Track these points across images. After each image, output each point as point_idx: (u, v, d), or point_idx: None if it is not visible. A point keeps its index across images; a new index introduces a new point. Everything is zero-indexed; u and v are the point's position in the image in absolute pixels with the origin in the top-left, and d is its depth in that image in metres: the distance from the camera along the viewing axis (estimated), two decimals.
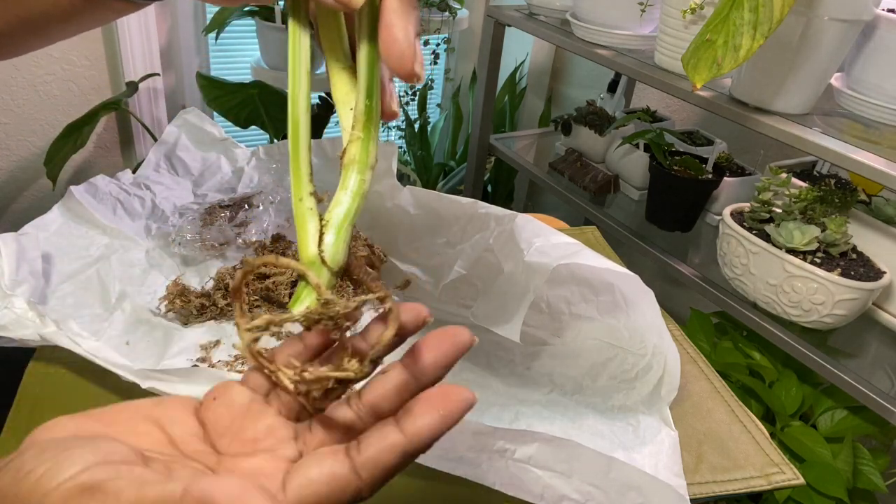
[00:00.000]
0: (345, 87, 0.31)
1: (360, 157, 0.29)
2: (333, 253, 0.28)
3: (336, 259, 0.28)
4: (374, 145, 0.30)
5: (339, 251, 0.28)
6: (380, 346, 0.27)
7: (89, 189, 0.76)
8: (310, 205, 0.29)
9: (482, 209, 0.67)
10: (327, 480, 0.24)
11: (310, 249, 0.28)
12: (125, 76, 1.44)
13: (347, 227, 0.29)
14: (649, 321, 0.59)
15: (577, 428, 0.56)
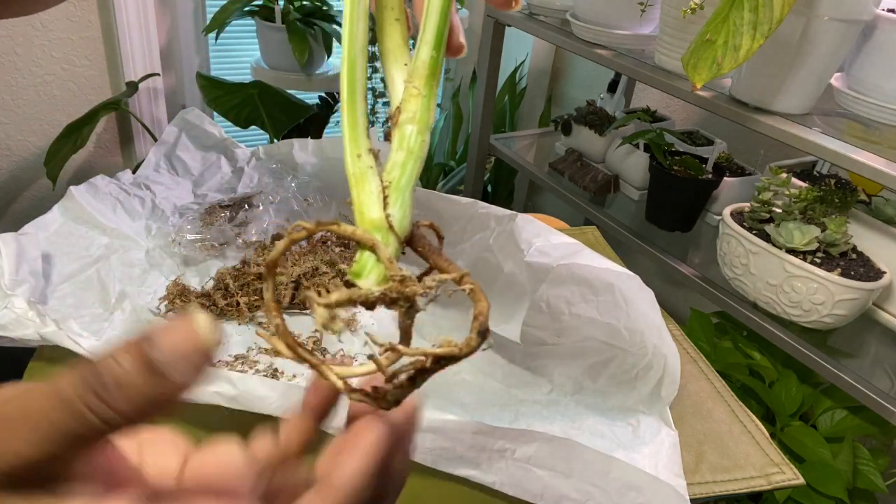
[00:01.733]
0: (397, 38, 0.28)
1: (420, 116, 0.26)
2: (401, 218, 0.25)
3: (403, 226, 0.25)
4: (434, 104, 0.27)
5: (406, 217, 0.25)
6: (482, 317, 0.24)
7: (89, 189, 0.76)
8: (370, 162, 0.25)
9: (482, 209, 0.67)
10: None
11: (374, 213, 0.24)
12: (125, 76, 1.44)
13: (411, 190, 0.25)
14: (649, 321, 0.59)
15: (577, 428, 0.56)
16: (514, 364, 0.62)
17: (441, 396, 0.58)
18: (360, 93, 0.26)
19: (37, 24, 1.34)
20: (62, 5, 1.34)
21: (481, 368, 0.61)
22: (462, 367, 0.61)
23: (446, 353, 0.23)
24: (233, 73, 1.81)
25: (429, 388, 0.61)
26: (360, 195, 0.25)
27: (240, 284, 0.67)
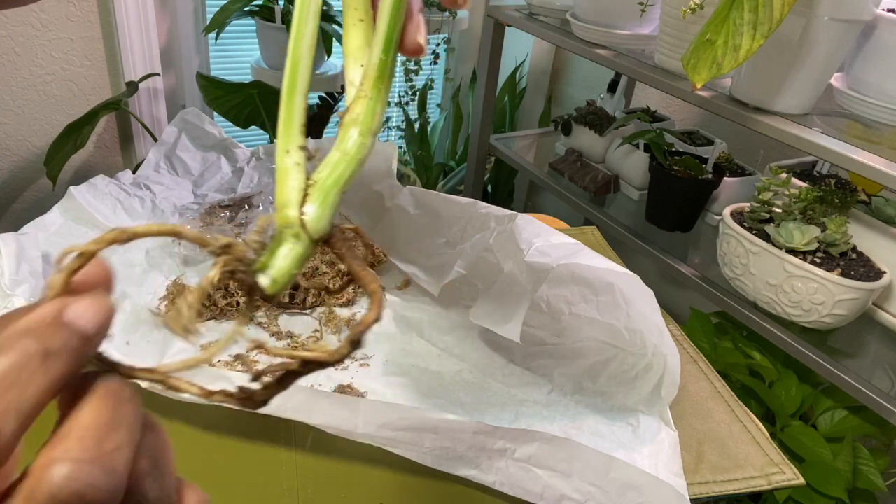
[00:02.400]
0: (358, 40, 0.28)
1: (364, 119, 0.26)
2: (317, 219, 0.24)
3: (318, 227, 0.24)
4: (381, 108, 0.26)
5: (324, 219, 0.24)
6: (362, 327, 0.24)
7: (89, 189, 0.76)
8: (297, 159, 0.25)
9: (482, 209, 0.67)
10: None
11: (290, 211, 0.24)
12: (125, 76, 1.44)
13: (337, 194, 0.25)
14: (649, 321, 0.59)
15: (577, 428, 0.56)
16: (514, 364, 0.62)
17: (441, 396, 0.58)
18: (301, 91, 0.26)
19: (37, 24, 1.34)
20: (62, 5, 1.34)
21: (481, 368, 0.61)
22: (462, 367, 0.61)
23: (314, 358, 0.23)
24: (233, 73, 1.81)
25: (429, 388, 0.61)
26: (281, 191, 0.24)
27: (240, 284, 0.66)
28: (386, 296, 0.71)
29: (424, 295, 0.70)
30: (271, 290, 0.23)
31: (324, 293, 0.68)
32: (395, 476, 0.51)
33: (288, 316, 0.67)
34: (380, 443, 0.48)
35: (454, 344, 0.64)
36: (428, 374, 0.60)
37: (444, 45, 2.09)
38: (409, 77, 2.04)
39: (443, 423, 0.47)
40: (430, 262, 0.70)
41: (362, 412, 0.47)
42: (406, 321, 0.67)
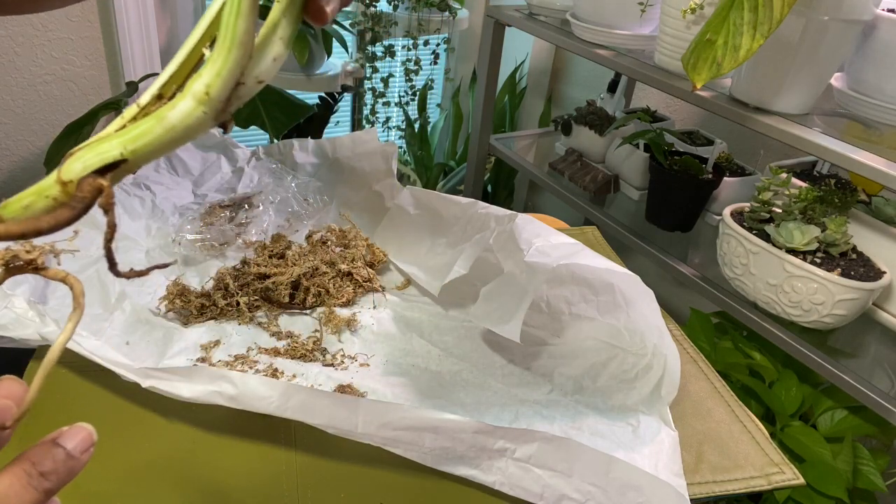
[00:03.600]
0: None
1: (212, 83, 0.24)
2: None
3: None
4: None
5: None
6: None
7: None
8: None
9: (482, 209, 0.67)
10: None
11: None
12: (125, 76, 1.44)
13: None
14: (649, 321, 0.59)
15: (577, 428, 0.56)
16: (514, 364, 0.62)
17: (441, 396, 0.58)
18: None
19: (37, 24, 1.34)
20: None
21: (481, 368, 0.61)
22: (462, 367, 0.61)
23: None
24: None
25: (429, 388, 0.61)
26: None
27: (240, 284, 0.67)
28: (386, 296, 0.71)
29: (424, 295, 0.70)
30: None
31: (324, 293, 0.68)
32: (395, 476, 0.51)
33: (288, 316, 0.67)
34: (380, 443, 0.48)
35: (454, 344, 0.64)
36: (428, 374, 0.60)
37: (444, 45, 2.09)
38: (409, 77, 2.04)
39: (443, 423, 0.47)
40: (430, 262, 0.70)
41: (362, 412, 0.47)
42: (406, 321, 0.67)
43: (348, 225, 0.77)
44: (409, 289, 0.72)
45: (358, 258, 0.71)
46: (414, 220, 0.75)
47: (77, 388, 0.55)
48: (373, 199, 0.80)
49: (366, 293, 0.71)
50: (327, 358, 0.61)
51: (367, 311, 0.68)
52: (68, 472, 0.26)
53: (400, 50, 1.95)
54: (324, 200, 0.83)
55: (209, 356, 0.59)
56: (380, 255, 0.74)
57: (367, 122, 2.05)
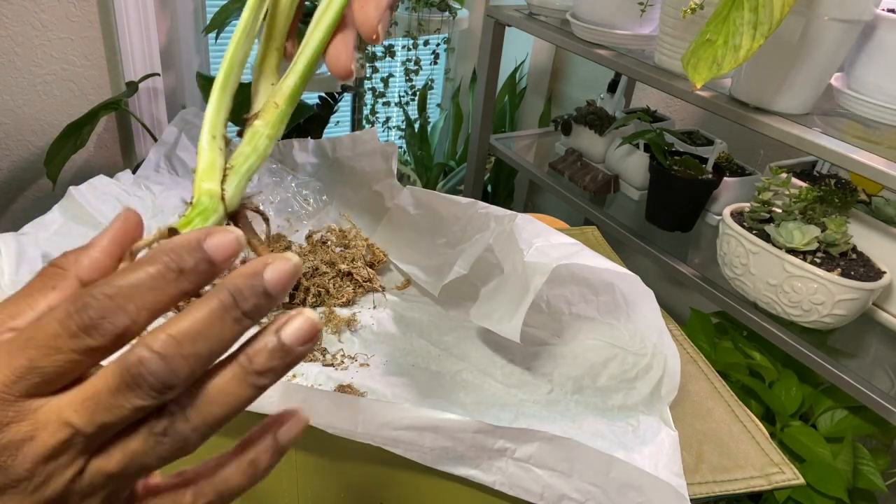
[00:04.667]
0: (273, 63, 0.34)
1: (272, 124, 0.31)
2: (232, 196, 0.29)
3: (233, 203, 0.29)
4: (286, 120, 0.32)
5: (237, 196, 0.30)
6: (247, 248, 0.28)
7: (89, 189, 0.76)
8: (220, 145, 0.31)
9: (482, 209, 0.67)
10: None
11: (212, 183, 0.29)
12: (125, 76, 1.44)
13: (247, 179, 0.31)
14: (649, 321, 0.59)
15: (577, 428, 0.56)
16: (514, 364, 0.62)
17: (441, 396, 0.58)
18: (230, 90, 0.32)
19: (37, 24, 1.34)
20: (62, 5, 1.34)
21: (481, 368, 0.61)
22: (462, 367, 0.61)
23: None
24: None
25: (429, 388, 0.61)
26: (208, 167, 0.30)
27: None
28: (386, 296, 0.71)
29: (424, 295, 0.70)
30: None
31: (324, 293, 0.68)
32: (395, 476, 0.51)
33: None
34: (380, 443, 0.48)
35: (454, 344, 0.64)
36: (428, 374, 0.60)
37: (444, 45, 2.09)
38: (409, 77, 2.04)
39: (443, 422, 0.47)
40: (430, 262, 0.70)
41: (362, 412, 0.47)
42: (406, 321, 0.67)
43: (348, 225, 0.77)
44: (409, 289, 0.72)
45: (358, 258, 0.71)
46: (414, 220, 0.75)
47: None
48: (373, 199, 0.80)
49: (366, 293, 0.71)
50: (327, 358, 0.61)
51: (367, 311, 0.68)
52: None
53: (400, 50, 1.95)
54: (324, 200, 0.83)
55: None
56: (380, 255, 0.74)
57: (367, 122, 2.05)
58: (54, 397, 0.23)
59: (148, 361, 0.22)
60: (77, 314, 0.22)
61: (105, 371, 0.23)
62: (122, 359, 0.22)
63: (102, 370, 0.23)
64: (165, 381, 0.22)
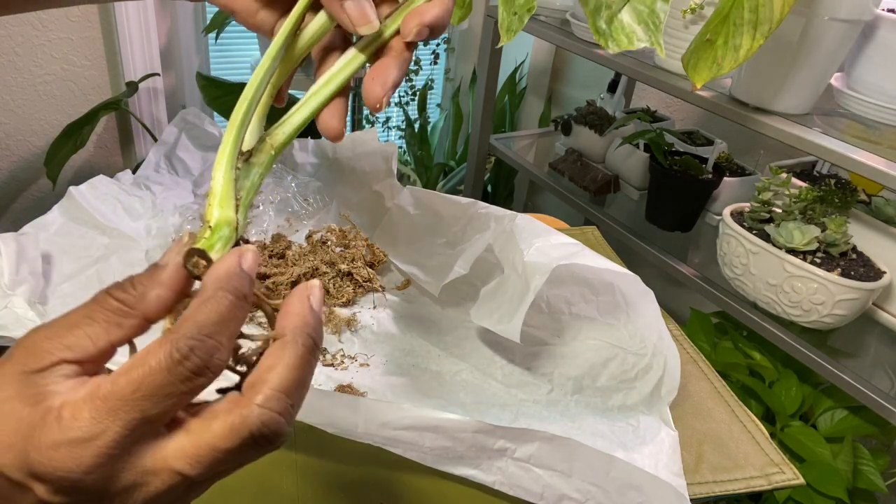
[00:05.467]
0: (266, 102, 0.36)
1: (265, 167, 0.34)
2: (243, 225, 0.32)
3: (241, 231, 0.32)
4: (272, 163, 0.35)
5: (244, 226, 0.32)
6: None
7: (89, 189, 0.76)
8: (235, 175, 0.33)
9: (482, 209, 0.67)
10: None
11: (231, 212, 0.31)
12: (125, 76, 1.44)
13: (247, 210, 0.34)
14: (649, 321, 0.59)
15: (577, 428, 0.56)
16: (514, 364, 0.62)
17: (441, 396, 0.58)
18: (244, 125, 0.34)
19: (37, 24, 1.34)
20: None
21: (481, 368, 0.61)
22: (462, 367, 0.61)
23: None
24: (233, 73, 1.81)
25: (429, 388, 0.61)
26: (226, 196, 0.31)
27: None
28: (386, 296, 0.71)
29: (424, 295, 0.70)
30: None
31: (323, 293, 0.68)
32: (395, 476, 0.51)
33: None
34: (380, 443, 0.48)
35: (454, 344, 0.64)
36: (428, 374, 0.60)
37: (444, 45, 2.09)
38: (409, 77, 2.04)
39: (443, 422, 0.47)
40: (430, 262, 0.70)
41: (362, 412, 0.47)
42: (406, 321, 0.67)
43: (348, 225, 0.77)
44: (409, 289, 0.72)
45: (358, 258, 0.71)
46: (414, 220, 0.75)
47: None
48: (373, 199, 0.80)
49: (366, 293, 0.71)
50: (327, 358, 0.61)
51: (367, 311, 0.68)
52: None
53: None
54: (324, 200, 0.83)
55: None
56: (380, 255, 0.74)
57: (367, 122, 2.05)
58: (158, 442, 0.24)
59: (270, 422, 0.24)
60: (186, 360, 0.23)
61: (218, 427, 0.24)
62: (244, 418, 0.24)
63: (216, 425, 0.24)
64: (281, 436, 0.25)
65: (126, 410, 0.23)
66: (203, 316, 0.24)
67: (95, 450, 0.22)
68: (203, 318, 0.24)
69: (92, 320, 0.25)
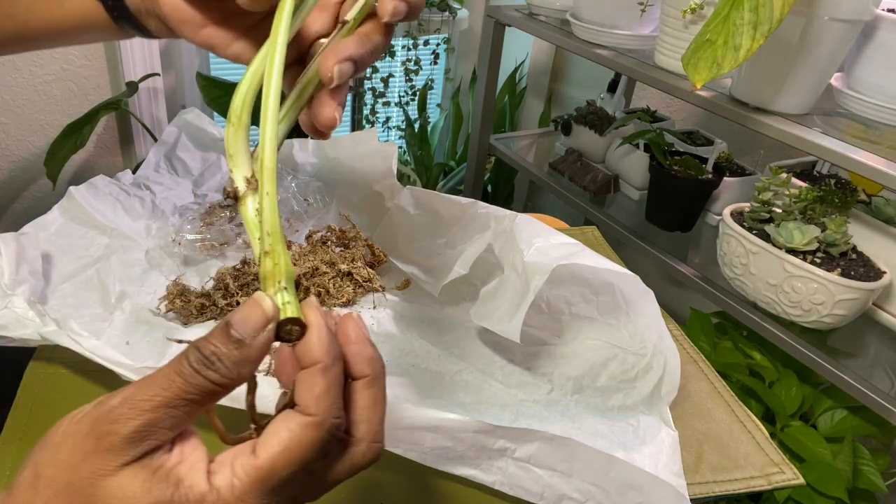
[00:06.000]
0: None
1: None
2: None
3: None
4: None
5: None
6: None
7: (89, 189, 0.76)
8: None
9: (482, 209, 0.67)
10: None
11: (291, 267, 0.30)
12: (125, 76, 1.44)
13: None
14: (649, 321, 0.59)
15: (577, 428, 0.56)
16: (514, 364, 0.62)
17: (441, 396, 0.58)
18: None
19: None
20: None
21: (481, 368, 0.61)
22: (462, 367, 0.61)
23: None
24: (233, 73, 1.81)
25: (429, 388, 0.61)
26: (283, 254, 0.30)
27: (240, 284, 0.67)
28: (386, 296, 0.71)
29: (424, 295, 0.70)
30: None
31: (324, 293, 0.68)
32: (395, 476, 0.51)
33: None
34: None
35: (454, 344, 0.64)
36: (428, 374, 0.60)
37: (444, 45, 2.09)
38: (409, 77, 2.04)
39: (443, 422, 0.47)
40: (430, 262, 0.70)
41: None
42: (406, 321, 0.67)
43: (348, 225, 0.77)
44: (409, 289, 0.72)
45: (358, 258, 0.71)
46: (414, 220, 0.74)
47: (77, 388, 0.55)
48: (373, 199, 0.80)
49: (366, 293, 0.71)
50: None
51: (367, 311, 0.68)
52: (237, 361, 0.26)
53: (400, 50, 1.95)
54: (324, 200, 0.83)
55: None
56: (380, 255, 0.74)
57: (367, 122, 2.05)
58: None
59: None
60: (329, 433, 0.27)
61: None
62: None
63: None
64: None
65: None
66: (336, 389, 0.27)
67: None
68: (336, 391, 0.27)
69: (192, 398, 0.26)
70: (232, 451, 0.27)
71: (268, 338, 0.27)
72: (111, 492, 0.24)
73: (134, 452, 0.25)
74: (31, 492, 0.24)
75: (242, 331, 0.26)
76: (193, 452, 0.26)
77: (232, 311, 0.27)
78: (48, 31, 0.45)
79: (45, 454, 0.25)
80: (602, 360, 0.61)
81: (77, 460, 0.24)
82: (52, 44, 0.47)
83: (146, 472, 0.25)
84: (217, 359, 0.25)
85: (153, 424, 0.25)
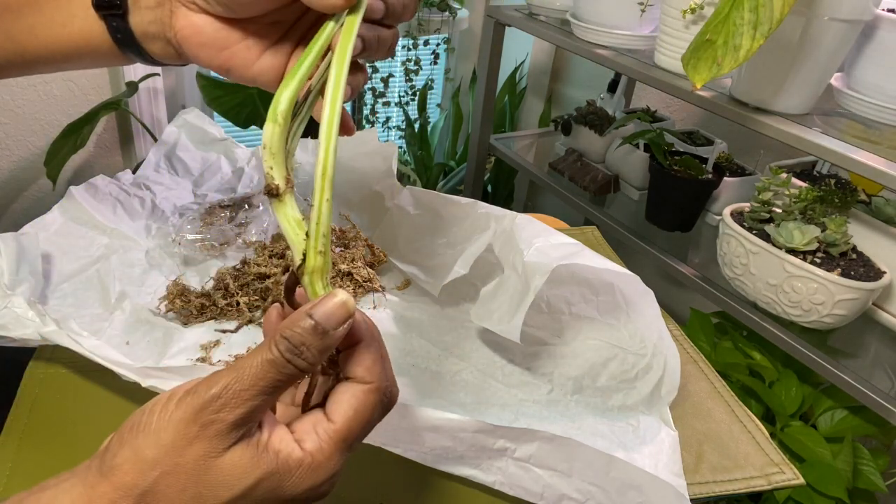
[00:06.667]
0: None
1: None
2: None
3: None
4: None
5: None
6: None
7: (89, 189, 0.76)
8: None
9: (482, 209, 0.67)
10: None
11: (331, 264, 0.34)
12: (125, 76, 1.44)
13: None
14: (649, 321, 0.59)
15: (577, 428, 0.56)
16: (514, 364, 0.62)
17: (441, 396, 0.58)
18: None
19: None
20: None
21: (481, 368, 0.61)
22: (462, 367, 0.61)
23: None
24: None
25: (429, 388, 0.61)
26: (329, 260, 0.33)
27: (240, 284, 0.67)
28: (386, 296, 0.71)
29: (424, 295, 0.70)
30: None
31: None
32: (395, 476, 0.51)
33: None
34: (380, 443, 0.48)
35: (454, 344, 0.64)
36: (428, 374, 0.60)
37: (444, 45, 2.09)
38: (409, 77, 2.04)
39: (443, 422, 0.47)
40: (430, 262, 0.70)
41: None
42: (406, 321, 0.67)
43: (348, 225, 0.77)
44: (409, 289, 0.72)
45: (358, 258, 0.71)
46: (414, 220, 0.74)
47: (77, 387, 0.55)
48: (373, 199, 0.80)
49: (366, 293, 0.71)
50: None
51: (367, 311, 0.68)
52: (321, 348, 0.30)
53: (400, 50, 1.95)
54: None
55: (209, 356, 0.59)
56: (380, 255, 0.74)
57: (367, 122, 2.05)
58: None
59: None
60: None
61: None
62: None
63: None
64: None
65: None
66: (381, 360, 0.33)
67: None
68: (381, 361, 0.33)
69: (274, 388, 0.30)
70: (308, 420, 0.32)
71: (346, 329, 0.31)
72: (224, 469, 0.28)
73: (237, 435, 0.29)
74: (135, 472, 0.28)
75: (328, 324, 0.30)
76: (276, 425, 0.31)
77: (313, 305, 0.30)
78: (49, 54, 0.46)
79: (146, 439, 0.28)
80: (602, 360, 0.61)
81: (183, 444, 0.28)
82: (52, 67, 0.48)
83: (251, 449, 0.29)
84: (306, 348, 0.29)
85: (254, 411, 0.29)
